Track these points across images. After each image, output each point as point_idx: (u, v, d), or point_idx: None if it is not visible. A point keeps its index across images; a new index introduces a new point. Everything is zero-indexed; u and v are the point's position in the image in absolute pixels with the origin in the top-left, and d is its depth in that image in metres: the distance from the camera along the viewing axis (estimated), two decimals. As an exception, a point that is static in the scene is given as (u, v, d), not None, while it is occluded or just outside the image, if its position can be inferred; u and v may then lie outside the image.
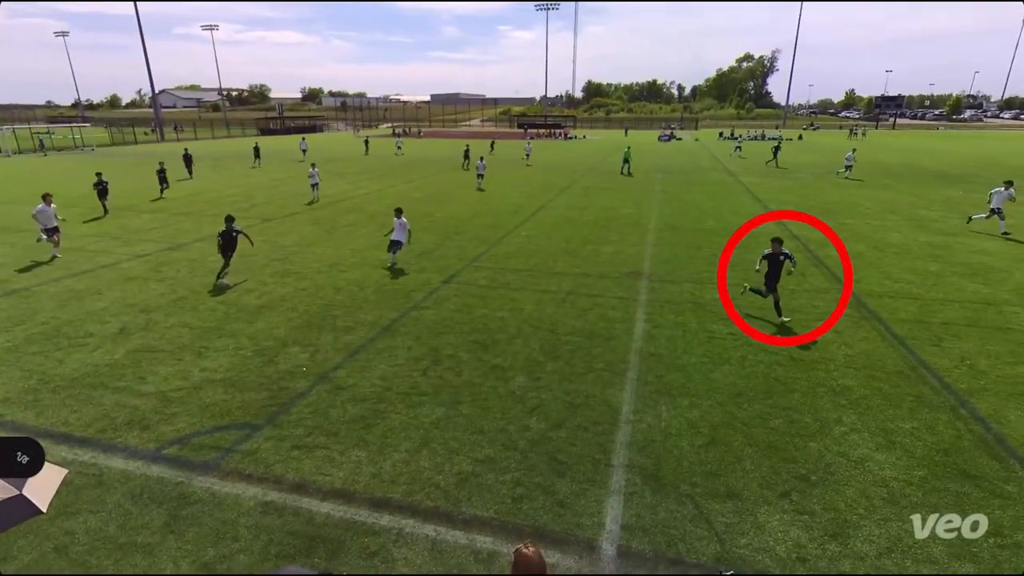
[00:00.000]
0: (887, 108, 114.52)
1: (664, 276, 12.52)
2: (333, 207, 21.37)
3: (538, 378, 7.82)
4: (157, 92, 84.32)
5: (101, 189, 19.44)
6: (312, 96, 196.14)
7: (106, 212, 19.56)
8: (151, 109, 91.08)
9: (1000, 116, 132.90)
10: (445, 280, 12.23)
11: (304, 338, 9.14)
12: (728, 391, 7.45)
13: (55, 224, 14.01)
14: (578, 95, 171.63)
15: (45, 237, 13.90)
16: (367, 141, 51.33)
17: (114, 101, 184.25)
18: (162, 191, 23.66)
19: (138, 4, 67.19)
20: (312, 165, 23.06)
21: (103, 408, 7.02)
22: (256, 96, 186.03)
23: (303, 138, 47.39)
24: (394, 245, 12.95)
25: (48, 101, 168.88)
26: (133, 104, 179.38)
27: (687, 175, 32.26)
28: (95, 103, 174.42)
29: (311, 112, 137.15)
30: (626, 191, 25.85)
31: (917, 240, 15.81)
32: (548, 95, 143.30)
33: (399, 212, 12.92)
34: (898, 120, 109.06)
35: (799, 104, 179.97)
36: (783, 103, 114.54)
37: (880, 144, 56.80)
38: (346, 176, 31.31)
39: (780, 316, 9.72)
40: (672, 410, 6.99)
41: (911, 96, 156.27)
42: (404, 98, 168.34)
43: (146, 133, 69.96)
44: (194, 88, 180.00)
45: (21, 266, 13.23)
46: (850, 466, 5.89)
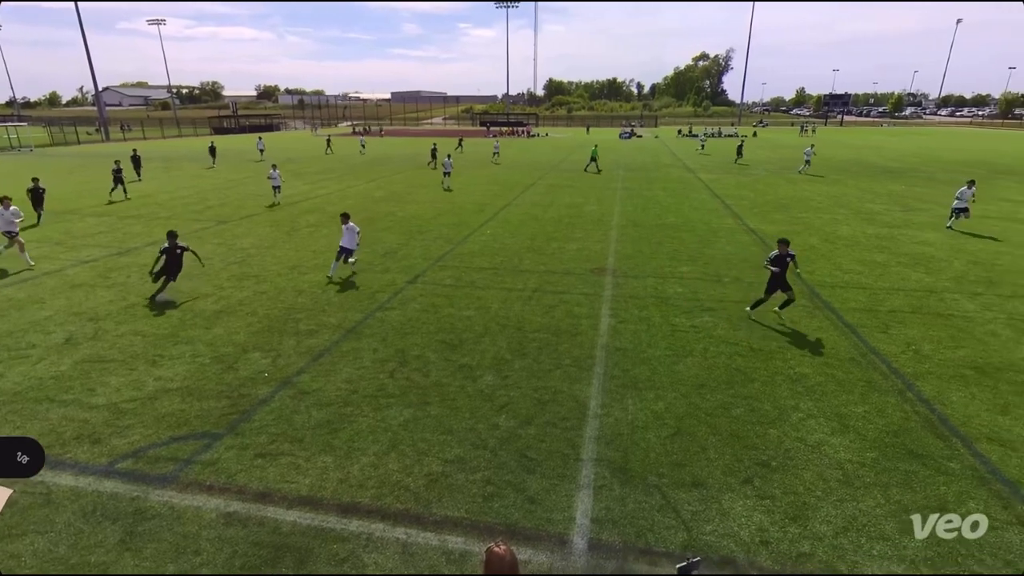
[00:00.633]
0: (835, 106, 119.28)
1: (628, 272, 12.72)
2: (293, 208, 20.85)
3: (506, 376, 7.84)
4: (101, 89, 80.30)
5: (36, 195, 17.59)
6: (267, 94, 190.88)
7: (39, 221, 17.63)
8: (95, 107, 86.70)
9: (938, 113, 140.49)
10: (410, 280, 12.10)
11: (265, 343, 8.90)
12: (692, 382, 7.63)
13: (15, 228, 12.90)
14: (540, 93, 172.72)
15: (3, 248, 12.99)
16: (329, 140, 50.28)
17: (53, 99, 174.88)
18: (112, 191, 22.48)
19: (77, -2, 63.67)
20: (273, 166, 22.15)
21: (49, 423, 6.66)
22: (208, 94, 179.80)
23: (260, 137, 46.04)
24: (342, 252, 12.02)
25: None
26: (74, 102, 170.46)
27: (648, 172, 32.84)
28: (33, 101, 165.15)
29: (267, 110, 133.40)
30: (589, 188, 26.14)
31: (865, 232, 16.55)
32: (510, 93, 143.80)
33: (346, 217, 12.06)
34: (845, 117, 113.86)
35: (753, 102, 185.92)
36: (738, 101, 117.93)
37: (829, 140, 59.18)
38: (305, 176, 30.60)
39: (782, 309, 9.61)
40: (638, 403, 7.12)
41: (857, 94, 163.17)
42: (364, 96, 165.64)
43: (89, 133, 66.36)
44: (141, 85, 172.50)
45: (-47, 275, 12.42)
46: (807, 451, 6.12)
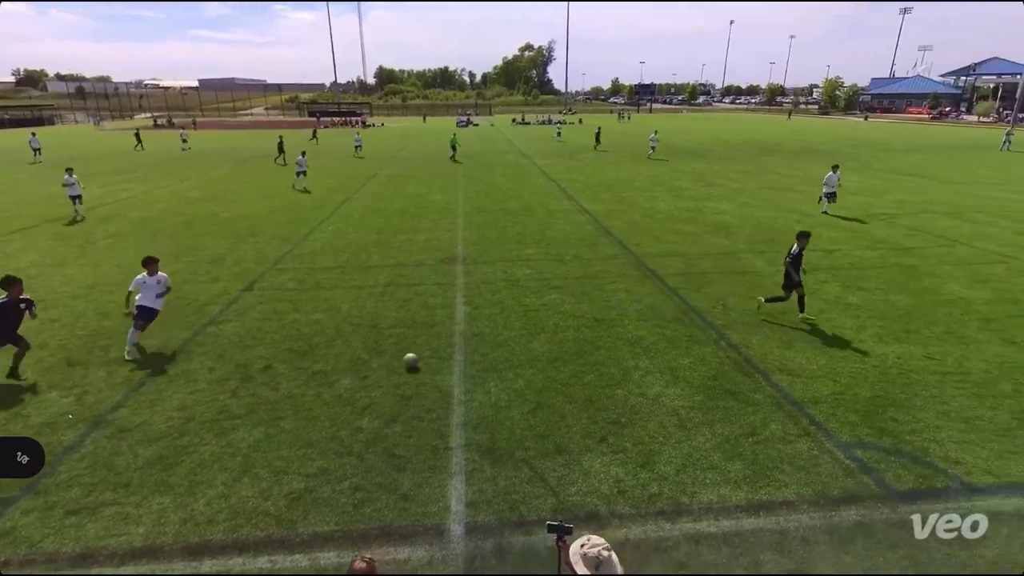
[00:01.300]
0: (644, 95, 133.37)
1: (477, 258, 12.98)
2: (87, 215, 17.58)
3: (365, 377, 7.56)
4: None
5: None
6: (32, 80, 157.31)
7: None
8: None
9: (723, 101, 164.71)
10: (245, 288, 11.01)
11: (65, 379, 7.46)
12: (546, 357, 8.09)
13: None
14: (371, 81, 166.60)
15: None
16: (138, 134, 43.44)
17: None
18: None
19: None
20: (68, 171, 17.32)
21: None
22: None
23: (33, 134, 37.79)
24: (146, 314, 8.25)
25: None
26: None
27: (487, 159, 33.67)
28: None
29: (33, 100, 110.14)
30: (431, 178, 26.04)
31: (677, 207, 18.87)
32: (339, 81, 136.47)
33: (152, 264, 8.21)
34: (653, 105, 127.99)
35: (576, 91, 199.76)
36: (563, 90, 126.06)
37: (645, 126, 66.02)
38: (100, 177, 25.97)
39: (802, 311, 9.18)
40: (500, 384, 7.35)
41: (661, 84, 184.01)
42: (165, 83, 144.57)
43: None
44: None
45: None
46: (649, 403, 6.88)
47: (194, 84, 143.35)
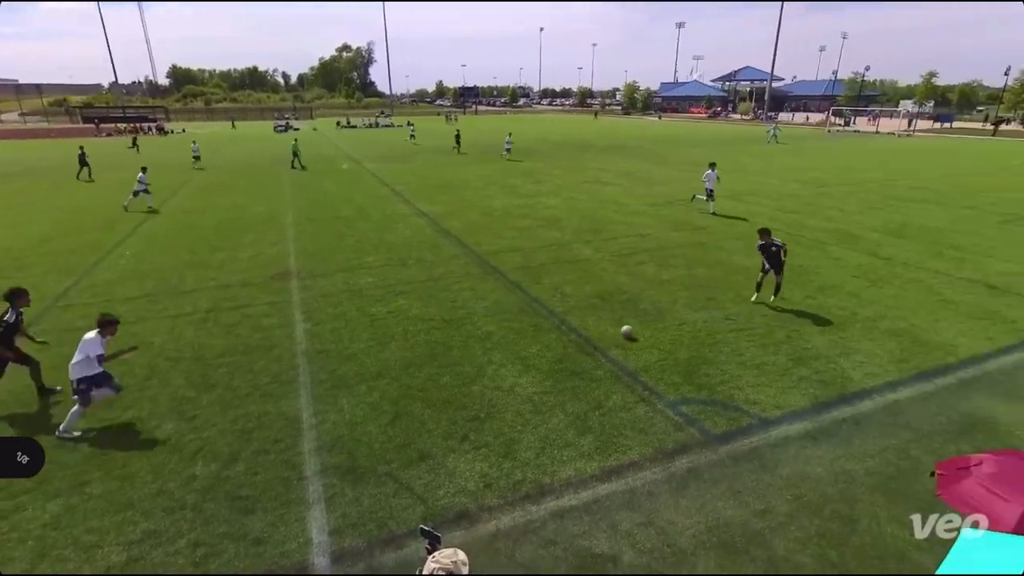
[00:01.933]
0: (469, 97, 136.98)
1: (314, 271, 12.20)
2: None
3: (193, 417, 6.67)
4: None
5: None
6: None
7: None
8: None
9: (541, 103, 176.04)
10: (16, 333, 8.96)
11: None
12: (399, 365, 7.92)
13: None
14: (163, 82, 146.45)
15: None
16: None
17: None
18: None
19: None
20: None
21: None
22: None
23: None
24: (93, 383, 6.30)
25: None
26: None
27: (313, 164, 31.73)
28: None
29: None
30: (252, 187, 23.78)
31: (512, 204, 19.73)
32: (119, 81, 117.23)
33: (108, 326, 6.41)
34: (478, 107, 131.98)
35: (401, 93, 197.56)
36: (388, 92, 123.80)
37: (472, 127, 67.67)
38: None
39: (776, 294, 9.94)
40: (353, 400, 7.02)
41: (484, 87, 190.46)
42: None
43: None
44: None
45: None
46: (505, 395, 7.12)
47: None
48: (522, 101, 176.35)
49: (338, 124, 74.28)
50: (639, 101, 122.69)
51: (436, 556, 2.40)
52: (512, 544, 4.80)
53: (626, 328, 8.81)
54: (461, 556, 2.39)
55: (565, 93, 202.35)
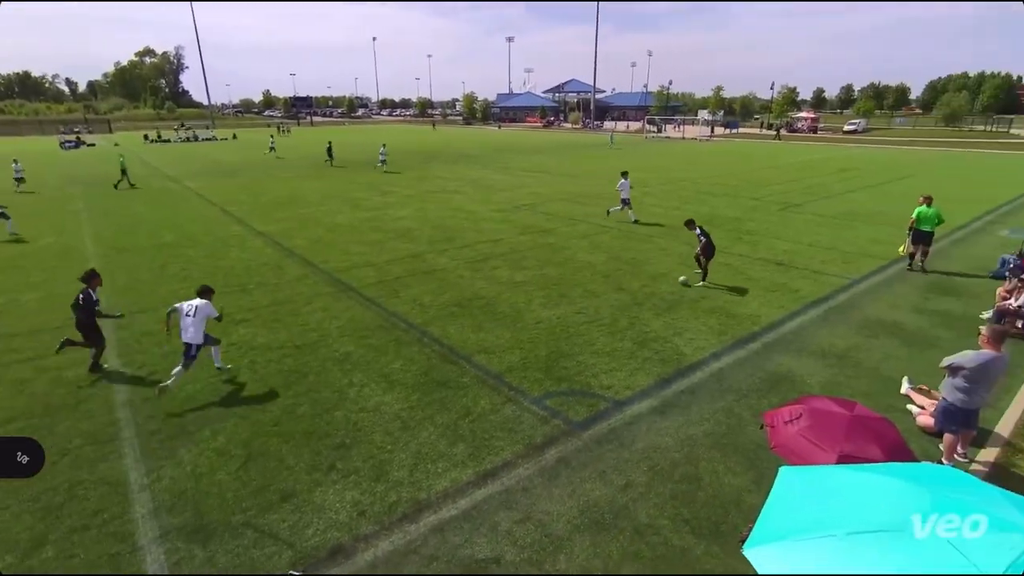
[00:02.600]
0: (301, 107, 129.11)
1: (129, 307, 10.55)
2: None
3: (-26, 503, 5.36)
4: None
5: None
6: None
7: None
8: None
9: (381, 113, 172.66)
10: None
11: None
12: (248, 402, 7.20)
13: None
14: None
15: None
16: None
17: None
18: None
19: None
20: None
21: None
22: None
23: None
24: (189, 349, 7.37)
25: None
26: None
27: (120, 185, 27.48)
28: None
29: None
30: (34, 215, 19.85)
31: (359, 218, 19.04)
32: None
33: (208, 291, 7.75)
34: (314, 118, 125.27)
35: (222, 104, 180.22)
36: (205, 102, 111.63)
37: (310, 139, 64.02)
38: None
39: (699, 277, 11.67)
40: (194, 448, 6.21)
41: (318, 97, 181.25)
42: None
43: None
44: None
45: None
46: (370, 416, 6.84)
47: None
48: (361, 111, 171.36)
49: (146, 138, 65.20)
50: (478, 111, 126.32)
51: None
52: (393, 569, 4.62)
53: (682, 278, 11.41)
54: None
55: (405, 103, 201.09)
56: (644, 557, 4.73)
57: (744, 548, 2.75)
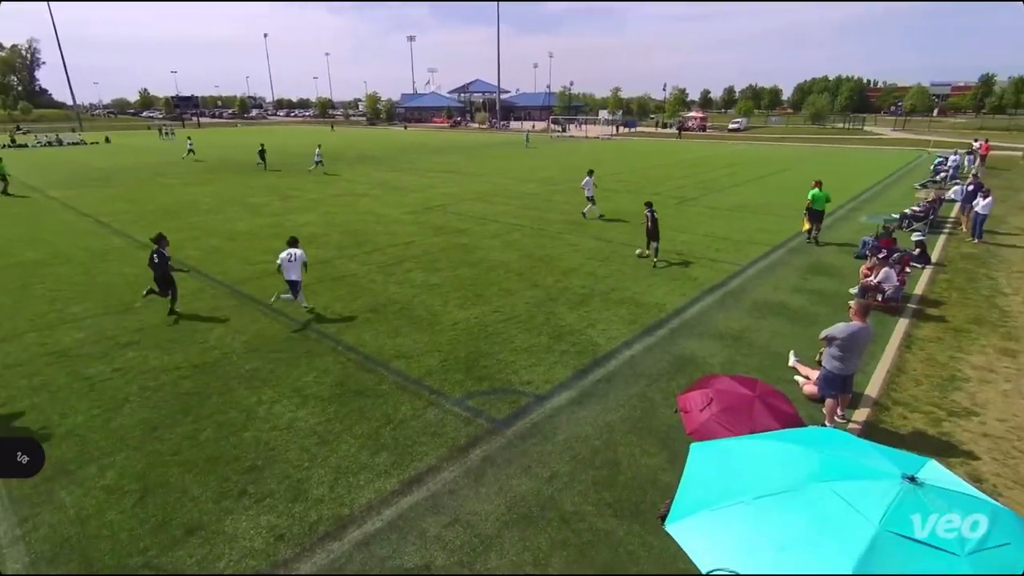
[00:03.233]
0: (186, 108, 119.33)
1: (-13, 336, 9.22)
2: None
3: None
4: None
5: None
6: None
7: None
8: None
9: (277, 114, 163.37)
10: None
11: None
12: (141, 430, 6.55)
13: None
14: None
15: None
16: None
17: None
18: None
19: None
20: None
21: None
22: None
23: None
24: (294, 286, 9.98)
25: None
26: None
27: (-36, 199, 23.89)
28: None
29: None
30: None
31: (259, 224, 17.91)
32: None
33: (294, 242, 10.07)
34: (201, 119, 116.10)
35: (91, 104, 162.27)
36: (72, 102, 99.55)
37: (196, 143, 59.17)
38: None
39: (652, 254, 13.13)
40: (78, 489, 5.56)
41: (205, 97, 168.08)
42: None
43: None
44: None
45: None
46: (283, 434, 6.47)
47: None
48: (255, 112, 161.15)
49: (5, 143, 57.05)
50: (383, 111, 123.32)
51: None
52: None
53: (637, 251, 13.50)
54: None
55: (304, 104, 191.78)
56: (571, 544, 4.87)
57: (666, 524, 2.91)
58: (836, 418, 6.63)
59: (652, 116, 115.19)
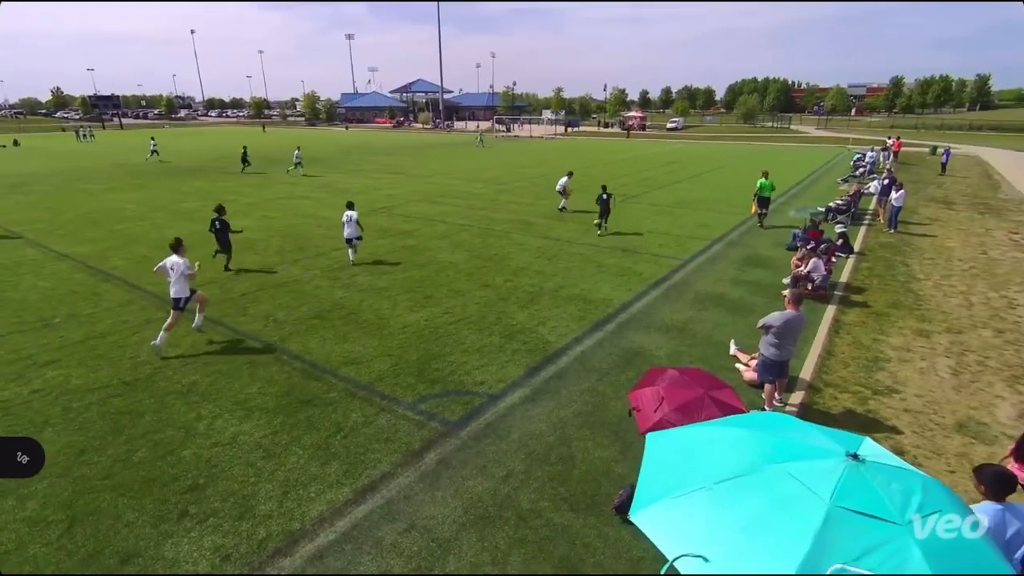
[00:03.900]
0: (106, 108, 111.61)
1: None
2: None
3: None
4: None
5: None
6: None
7: None
8: None
9: (208, 115, 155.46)
10: None
11: None
12: (66, 455, 6.08)
13: None
14: None
15: None
16: None
17: None
18: None
19: None
20: None
21: None
22: None
23: None
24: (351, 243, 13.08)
25: None
26: None
27: None
28: None
29: None
30: None
31: (192, 230, 16.94)
32: None
33: (351, 205, 13.19)
34: (124, 120, 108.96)
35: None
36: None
37: (116, 145, 55.53)
38: None
39: (603, 227, 16.05)
40: (-5, 523, 5.10)
41: (127, 96, 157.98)
42: None
43: None
44: None
45: None
46: (226, 449, 6.18)
47: None
48: (184, 112, 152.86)
49: None
50: (322, 111, 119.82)
51: None
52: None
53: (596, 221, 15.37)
54: None
55: (237, 104, 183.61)
56: (529, 541, 4.90)
57: (630, 514, 2.97)
58: (775, 402, 6.98)
59: (594, 116, 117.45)
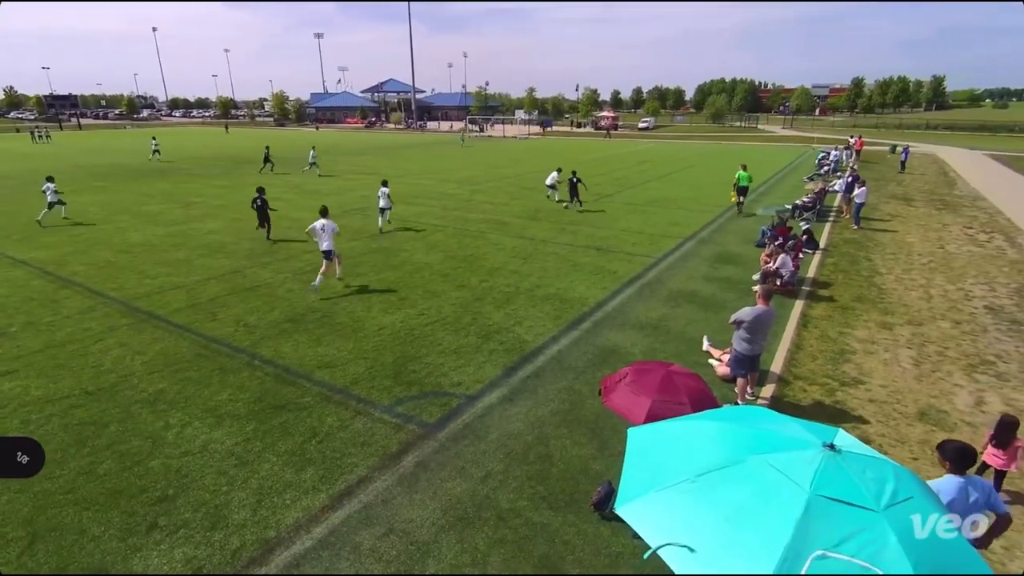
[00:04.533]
0: (63, 108, 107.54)
1: None
2: None
3: None
4: None
5: None
6: None
7: None
8: None
9: (172, 114, 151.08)
10: None
11: None
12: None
13: None
14: None
15: None
16: None
17: None
18: None
19: None
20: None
21: None
22: None
23: None
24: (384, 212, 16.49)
25: None
26: None
27: None
28: None
29: None
30: None
31: (157, 234, 16.51)
32: None
33: (385, 183, 16.54)
34: (82, 120, 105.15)
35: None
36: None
37: (75, 147, 53.57)
38: None
39: (572, 203, 19.19)
40: (-51, 543, 4.86)
41: (85, 95, 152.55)
42: None
43: None
44: None
45: None
46: (197, 458, 6.02)
47: None
48: (146, 112, 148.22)
49: None
50: (292, 111, 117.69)
51: None
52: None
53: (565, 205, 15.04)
54: None
55: (203, 103, 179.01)
56: (509, 541, 4.91)
57: (616, 508, 3.00)
58: (747, 395, 7.13)
59: (567, 116, 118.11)
